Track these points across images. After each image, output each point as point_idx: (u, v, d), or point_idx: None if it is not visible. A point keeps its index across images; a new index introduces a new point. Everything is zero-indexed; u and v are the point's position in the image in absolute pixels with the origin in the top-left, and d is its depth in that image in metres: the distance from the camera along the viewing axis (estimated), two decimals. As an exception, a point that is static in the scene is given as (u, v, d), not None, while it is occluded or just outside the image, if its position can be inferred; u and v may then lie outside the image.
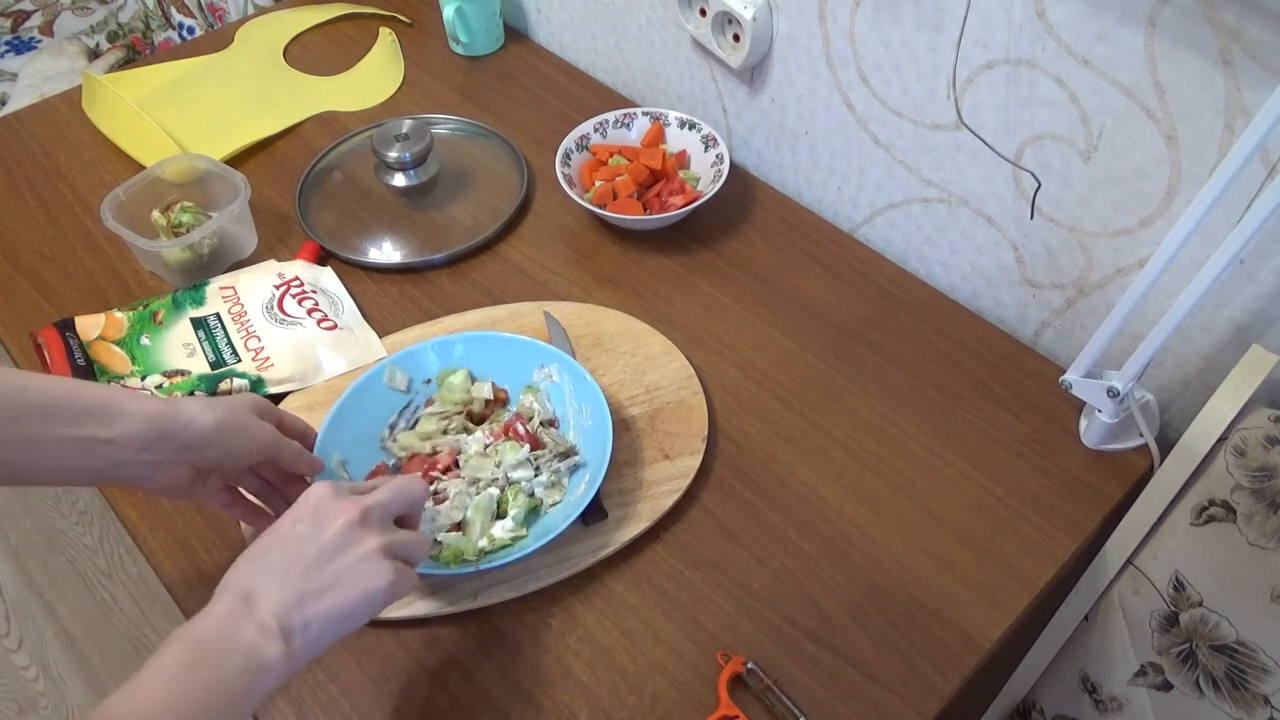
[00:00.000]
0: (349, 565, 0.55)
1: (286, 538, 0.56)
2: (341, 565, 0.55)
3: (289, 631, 0.52)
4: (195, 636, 0.50)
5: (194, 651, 0.50)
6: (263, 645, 0.51)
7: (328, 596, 0.54)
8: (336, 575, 0.55)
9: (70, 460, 0.57)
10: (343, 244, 0.97)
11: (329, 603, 0.54)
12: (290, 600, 0.53)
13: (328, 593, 0.54)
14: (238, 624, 0.51)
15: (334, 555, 0.55)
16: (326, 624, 0.54)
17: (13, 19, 1.95)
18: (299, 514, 0.57)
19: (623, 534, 0.73)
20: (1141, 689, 0.80)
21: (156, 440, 0.59)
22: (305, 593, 0.53)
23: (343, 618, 0.54)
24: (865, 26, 0.86)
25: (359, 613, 0.55)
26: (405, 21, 1.27)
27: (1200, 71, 0.66)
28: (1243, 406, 0.71)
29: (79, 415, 0.56)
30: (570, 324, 0.88)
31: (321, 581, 0.54)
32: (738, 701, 0.66)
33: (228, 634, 0.51)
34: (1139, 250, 0.78)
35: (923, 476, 0.78)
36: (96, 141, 1.09)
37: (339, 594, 0.54)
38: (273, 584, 0.53)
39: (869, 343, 0.88)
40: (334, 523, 0.56)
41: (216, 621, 0.51)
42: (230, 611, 0.52)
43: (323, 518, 0.57)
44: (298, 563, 0.54)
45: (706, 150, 1.00)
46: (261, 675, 0.50)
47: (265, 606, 0.52)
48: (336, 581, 0.54)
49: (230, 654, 0.50)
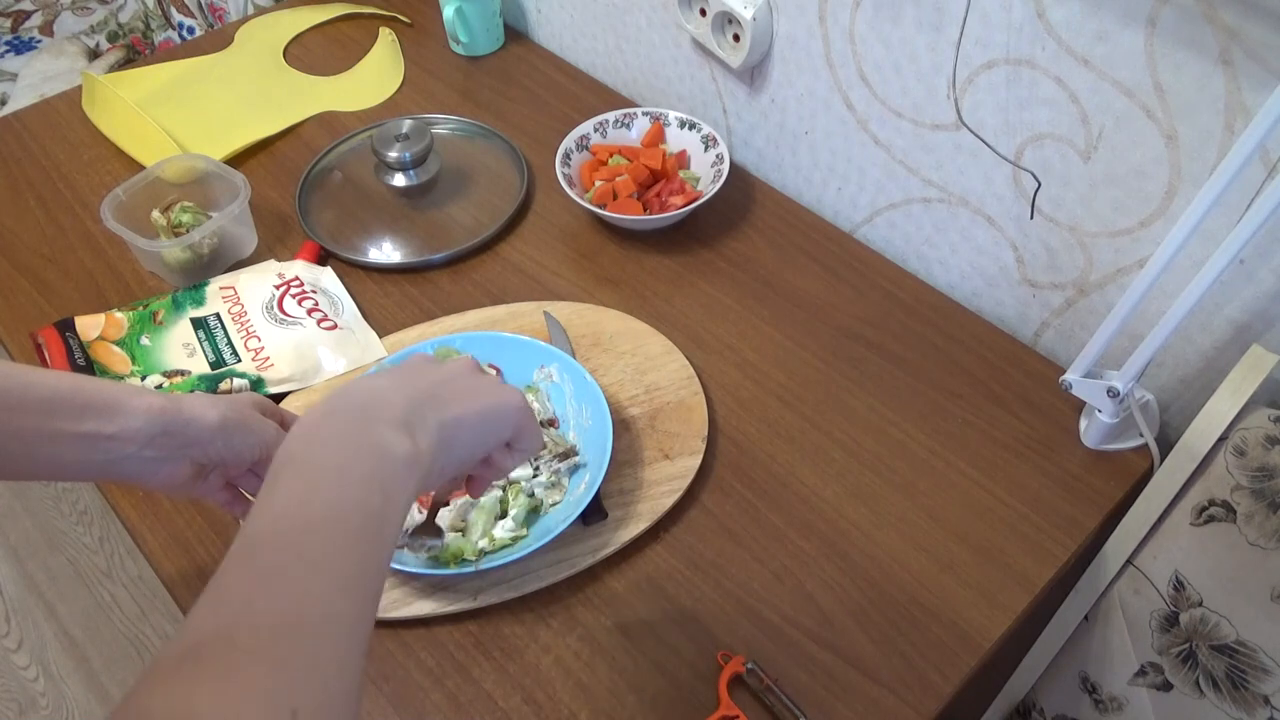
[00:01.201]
0: (480, 382, 0.53)
1: (405, 368, 0.52)
2: (469, 383, 0.53)
3: (419, 424, 0.47)
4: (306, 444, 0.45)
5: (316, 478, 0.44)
6: (393, 440, 0.46)
7: (459, 402, 0.51)
8: (464, 389, 0.52)
9: (73, 455, 0.57)
10: (343, 244, 0.97)
11: (461, 407, 0.50)
12: (421, 398, 0.49)
13: (458, 399, 0.51)
14: (363, 429, 0.46)
15: (457, 376, 0.53)
16: (460, 425, 0.50)
17: (13, 19, 1.95)
18: (413, 359, 0.54)
19: (623, 534, 0.73)
20: (1141, 689, 0.80)
21: (160, 436, 0.59)
22: (433, 396, 0.50)
23: (474, 423, 0.51)
24: (865, 26, 0.86)
25: (494, 423, 0.52)
26: (405, 21, 1.27)
27: (1200, 71, 0.66)
28: (1243, 406, 0.71)
29: (82, 410, 0.56)
30: (570, 324, 0.88)
31: (449, 391, 0.51)
32: (738, 701, 0.66)
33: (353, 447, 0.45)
34: (1139, 250, 0.78)
35: (923, 476, 0.78)
36: (96, 141, 1.09)
37: (471, 400, 0.51)
38: (391, 395, 0.49)
39: (869, 342, 0.88)
40: (453, 363, 0.54)
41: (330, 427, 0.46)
42: (346, 417, 0.46)
43: (434, 361, 0.54)
44: (420, 379, 0.51)
45: (706, 150, 1.00)
46: (394, 474, 0.45)
47: (386, 409, 0.47)
48: (464, 393, 0.51)
49: (355, 459, 0.45)
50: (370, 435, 0.46)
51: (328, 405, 0.48)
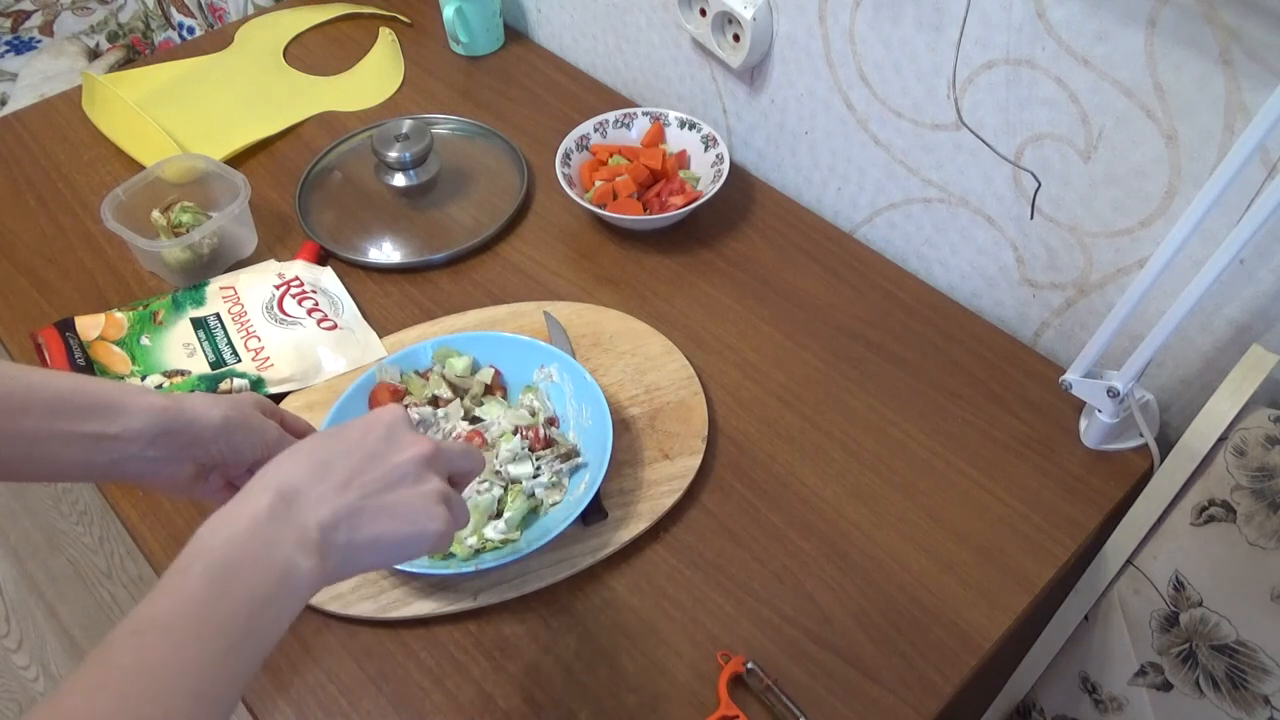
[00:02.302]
0: (410, 498, 0.52)
1: (354, 447, 0.52)
2: (403, 495, 0.51)
3: (329, 548, 0.48)
4: (227, 538, 0.46)
5: (223, 560, 0.45)
6: (298, 560, 0.46)
7: (380, 521, 0.50)
8: (395, 503, 0.51)
9: (75, 456, 0.57)
10: (343, 244, 0.97)
11: (380, 527, 0.50)
12: (340, 513, 0.49)
13: (381, 516, 0.50)
14: (275, 530, 0.47)
15: (398, 483, 0.51)
16: (370, 548, 0.50)
17: (13, 19, 1.95)
18: (371, 427, 0.53)
19: (623, 534, 0.73)
20: (1141, 689, 0.80)
21: (161, 436, 0.59)
22: (358, 510, 0.49)
23: (388, 546, 0.51)
24: (865, 26, 0.86)
25: (404, 548, 0.52)
26: (405, 21, 1.27)
27: (1200, 71, 0.66)
28: (1243, 406, 0.71)
29: (84, 411, 0.56)
30: (570, 324, 0.88)
31: (379, 503, 0.50)
32: (738, 701, 0.66)
33: (262, 542, 0.46)
34: (1139, 250, 0.78)
35: (923, 476, 0.78)
36: (96, 141, 1.09)
37: (392, 522, 0.50)
38: (326, 491, 0.49)
39: (869, 342, 0.88)
40: (407, 450, 0.53)
41: (249, 526, 0.46)
42: (269, 514, 0.47)
43: (396, 441, 0.53)
44: (358, 478, 0.50)
45: (706, 150, 1.00)
46: (290, 596, 0.46)
47: (312, 514, 0.48)
48: (394, 509, 0.51)
49: (262, 567, 0.45)
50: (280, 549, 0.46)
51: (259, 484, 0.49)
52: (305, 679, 0.68)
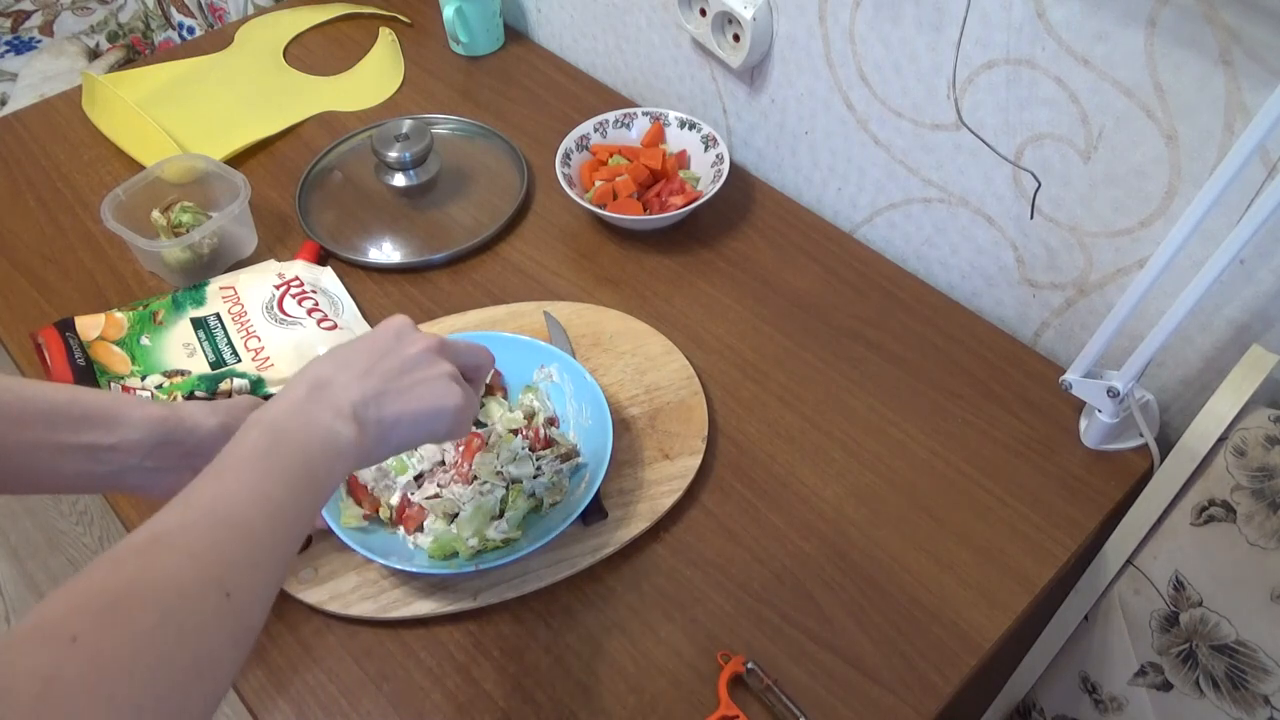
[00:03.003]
0: (426, 379, 0.57)
1: (367, 346, 0.57)
2: (419, 377, 0.57)
3: (363, 421, 0.53)
4: (271, 421, 0.51)
5: (272, 435, 0.50)
6: (338, 428, 0.52)
7: (403, 400, 0.55)
8: (413, 384, 0.56)
9: (73, 467, 0.57)
10: (343, 244, 0.97)
11: (403, 405, 0.55)
12: (367, 394, 0.54)
13: (403, 396, 0.55)
14: (313, 408, 0.52)
15: (412, 368, 0.57)
16: (399, 423, 0.55)
17: (13, 19, 1.95)
18: (380, 332, 0.58)
19: (623, 534, 0.73)
20: (1141, 689, 0.80)
21: (160, 446, 0.59)
22: (382, 392, 0.55)
23: (414, 423, 0.56)
24: (865, 26, 0.86)
25: (429, 424, 0.57)
26: (405, 21, 1.27)
27: (1200, 71, 0.66)
28: (1243, 406, 0.71)
29: (81, 422, 0.56)
30: (570, 324, 0.88)
31: (399, 386, 0.56)
32: (738, 701, 0.66)
33: (303, 417, 0.52)
34: (1139, 250, 0.78)
35: (923, 476, 0.78)
36: (96, 141, 1.09)
37: (414, 400, 0.56)
38: (350, 378, 0.54)
39: (869, 342, 0.88)
40: (415, 344, 0.58)
41: (291, 405, 0.52)
42: (306, 397, 0.53)
43: (404, 337, 0.58)
44: (377, 367, 0.56)
45: (706, 150, 1.00)
46: (337, 458, 0.51)
47: (342, 394, 0.53)
48: (413, 390, 0.56)
49: (308, 435, 0.51)
50: (321, 419, 0.52)
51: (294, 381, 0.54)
52: (305, 679, 0.68)
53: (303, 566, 0.71)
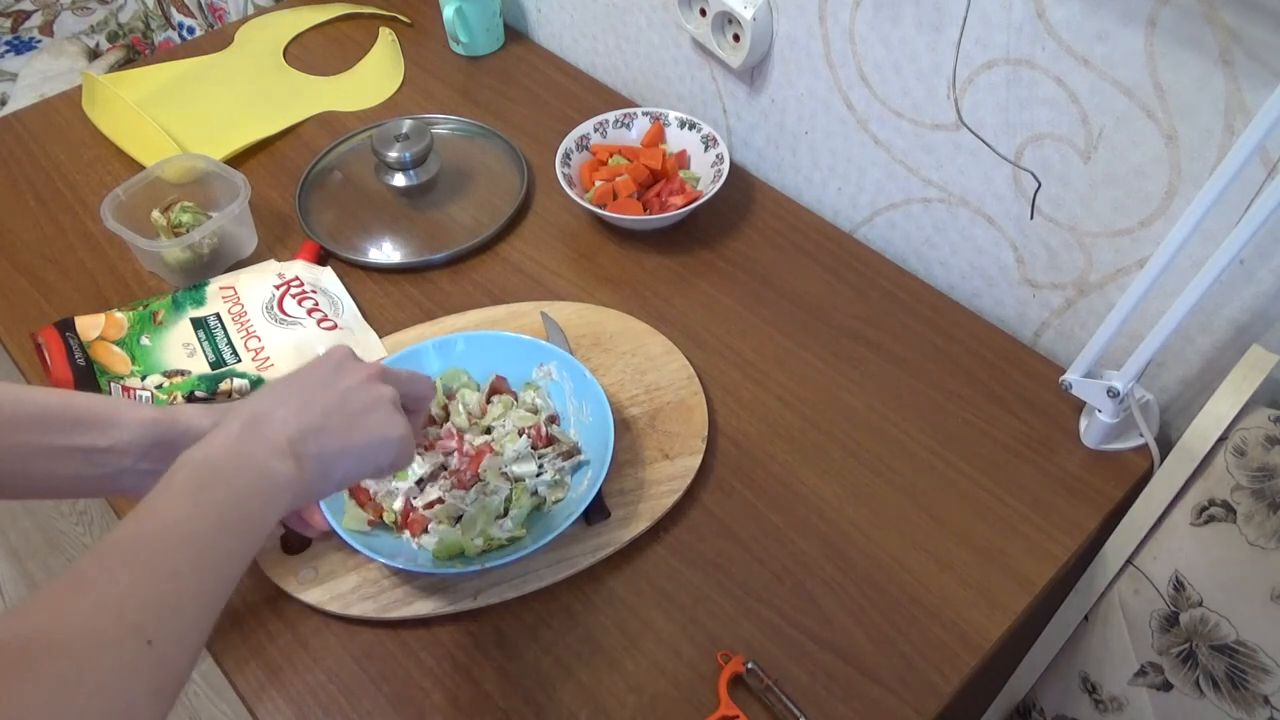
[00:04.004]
0: (367, 409, 0.56)
1: (304, 380, 0.56)
2: (357, 410, 0.55)
3: (301, 456, 0.52)
4: (203, 459, 0.50)
5: (204, 473, 0.49)
6: (274, 464, 0.50)
7: (344, 433, 0.54)
8: (352, 418, 0.55)
9: (68, 470, 0.56)
10: (343, 244, 0.97)
11: (345, 439, 0.54)
12: (305, 428, 0.53)
13: (344, 429, 0.54)
14: (248, 445, 0.51)
15: (350, 401, 0.55)
16: (340, 457, 0.54)
17: (13, 19, 1.95)
18: (319, 364, 0.57)
19: (623, 534, 0.73)
20: (1141, 689, 0.80)
21: (155, 448, 0.59)
22: (321, 427, 0.53)
23: (357, 456, 0.55)
24: (865, 26, 0.86)
25: (373, 456, 0.56)
26: (405, 21, 1.27)
27: (1200, 71, 0.66)
28: (1243, 406, 0.71)
29: (75, 424, 0.56)
30: (570, 324, 0.88)
31: (339, 418, 0.54)
32: (738, 701, 0.66)
33: (237, 454, 0.50)
34: (1139, 250, 0.78)
35: (923, 476, 0.78)
36: (96, 141, 1.09)
37: (356, 433, 0.55)
38: (287, 413, 0.53)
39: (869, 343, 0.88)
40: (355, 374, 0.57)
41: (225, 443, 0.51)
42: (240, 434, 0.51)
43: (343, 369, 0.57)
44: (316, 400, 0.54)
45: (706, 150, 1.00)
46: (275, 494, 0.50)
47: (279, 430, 0.52)
48: (351, 424, 0.55)
49: (242, 472, 0.49)
50: (256, 455, 0.50)
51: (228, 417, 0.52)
52: (305, 679, 0.68)
53: (303, 567, 0.71)
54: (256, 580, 0.71)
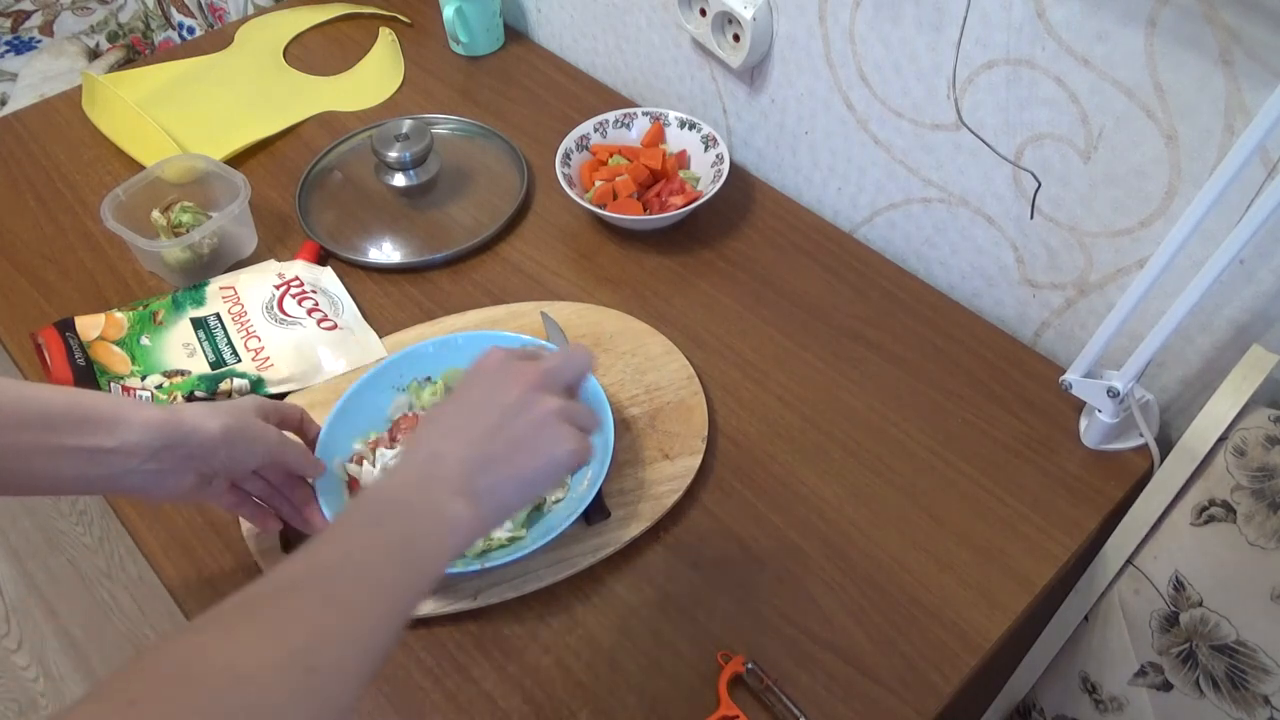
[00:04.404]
0: (530, 431, 0.55)
1: (466, 404, 0.56)
2: (522, 430, 0.55)
3: (476, 494, 0.52)
4: (382, 496, 0.51)
5: (382, 510, 0.50)
6: (453, 506, 0.51)
7: (513, 461, 0.54)
8: (518, 441, 0.54)
9: (72, 470, 0.56)
10: (343, 244, 0.97)
11: (514, 468, 0.54)
12: (478, 464, 0.53)
13: (512, 457, 0.54)
14: (427, 483, 0.51)
15: (514, 420, 0.55)
16: (514, 488, 0.54)
17: (13, 19, 1.95)
18: (476, 378, 0.57)
19: (623, 534, 0.73)
20: (1141, 689, 0.80)
21: (162, 449, 0.58)
22: (490, 457, 0.53)
23: (527, 483, 0.55)
24: (865, 26, 0.86)
25: (543, 478, 0.55)
26: (405, 21, 1.27)
27: (1200, 71, 0.66)
28: (1243, 406, 0.71)
29: (81, 424, 0.56)
30: (570, 324, 0.88)
31: (504, 446, 0.54)
32: (738, 701, 0.66)
33: (416, 491, 0.51)
34: (1139, 250, 0.78)
35: (923, 476, 0.78)
36: (96, 141, 1.09)
37: (523, 459, 0.54)
38: (458, 448, 0.53)
39: (869, 343, 0.88)
40: (511, 388, 0.56)
41: (404, 480, 0.52)
42: (419, 474, 0.52)
43: (500, 383, 0.56)
44: (478, 427, 0.54)
45: (706, 150, 1.00)
46: (450, 533, 0.50)
47: (455, 469, 0.52)
48: (519, 447, 0.54)
49: (419, 513, 0.50)
50: (436, 497, 0.51)
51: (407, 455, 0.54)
52: (305, 679, 0.68)
53: (303, 566, 0.71)
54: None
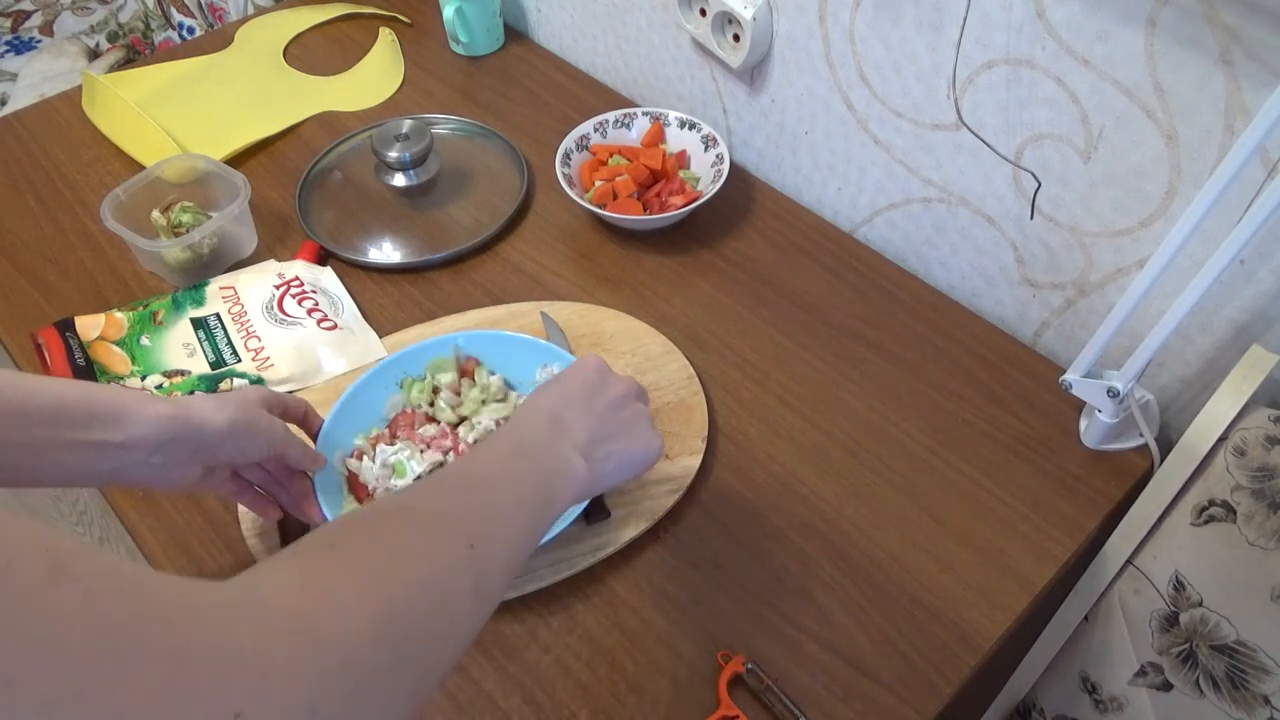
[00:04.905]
0: (634, 421, 0.61)
1: (581, 384, 0.61)
2: (629, 419, 0.61)
3: (590, 457, 0.57)
4: (520, 433, 0.57)
5: (521, 444, 0.56)
6: (574, 459, 0.56)
7: (620, 440, 0.60)
8: (625, 426, 0.60)
9: (81, 463, 0.57)
10: (343, 244, 0.97)
11: (620, 445, 0.60)
12: (592, 432, 0.58)
13: (620, 437, 0.60)
14: (554, 438, 0.57)
15: (621, 409, 0.61)
16: (616, 463, 0.59)
17: (13, 19, 1.95)
18: (585, 369, 0.62)
19: (623, 534, 0.73)
20: (1141, 689, 0.80)
21: (169, 443, 0.59)
22: (602, 431, 0.59)
23: (627, 463, 0.60)
24: (865, 26, 0.86)
25: (639, 463, 0.61)
26: (405, 21, 1.27)
27: (1200, 71, 0.66)
28: (1243, 406, 0.71)
29: (89, 419, 0.56)
30: (570, 324, 0.88)
31: (615, 425, 0.60)
32: (738, 701, 0.66)
33: (546, 441, 0.56)
34: (1139, 250, 0.78)
35: (923, 476, 0.78)
36: (96, 141, 1.09)
37: (627, 441, 0.60)
38: (577, 416, 0.58)
39: (869, 342, 0.88)
40: (618, 387, 0.62)
41: (534, 430, 0.57)
42: (547, 428, 0.57)
43: (607, 380, 0.62)
44: (595, 404, 0.60)
45: (706, 150, 1.00)
46: (569, 482, 0.55)
47: (577, 430, 0.58)
48: (626, 431, 0.60)
49: (549, 455, 0.56)
50: (561, 448, 0.56)
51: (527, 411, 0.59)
52: (305, 679, 0.67)
53: (303, 566, 0.71)
54: (256, 580, 0.71)
